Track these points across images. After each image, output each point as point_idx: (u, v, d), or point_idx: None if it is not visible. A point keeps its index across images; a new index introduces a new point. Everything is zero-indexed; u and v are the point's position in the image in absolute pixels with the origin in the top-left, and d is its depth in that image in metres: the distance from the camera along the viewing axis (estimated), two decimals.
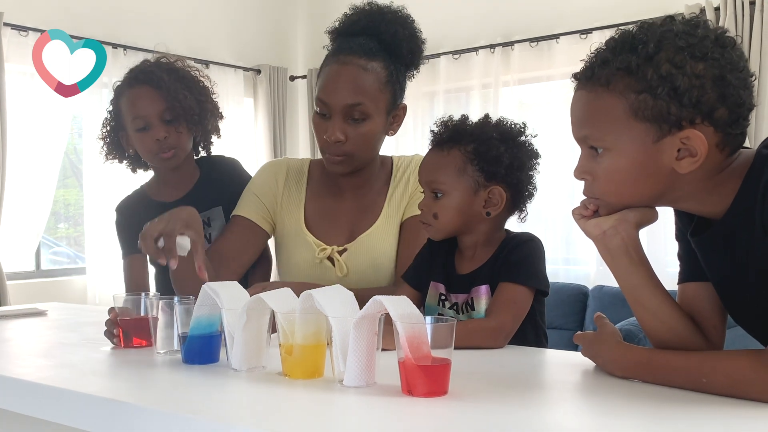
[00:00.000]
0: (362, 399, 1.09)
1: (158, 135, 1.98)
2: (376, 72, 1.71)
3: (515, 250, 1.55)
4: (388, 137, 1.84)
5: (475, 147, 1.55)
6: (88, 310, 2.28)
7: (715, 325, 1.25)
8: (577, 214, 1.25)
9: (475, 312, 1.56)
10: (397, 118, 1.81)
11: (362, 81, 1.70)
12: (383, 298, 1.12)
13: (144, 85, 2.02)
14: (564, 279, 4.82)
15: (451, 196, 1.56)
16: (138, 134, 2.01)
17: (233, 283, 1.36)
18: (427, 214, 1.59)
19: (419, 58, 1.82)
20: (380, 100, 1.72)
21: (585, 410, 1.10)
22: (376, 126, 1.74)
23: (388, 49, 1.75)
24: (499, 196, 1.57)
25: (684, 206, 1.21)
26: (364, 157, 1.78)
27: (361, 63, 1.71)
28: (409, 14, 1.82)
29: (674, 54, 1.09)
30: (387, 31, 1.75)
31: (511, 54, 5.03)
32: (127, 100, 2.03)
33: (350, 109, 1.70)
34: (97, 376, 1.26)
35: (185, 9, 5.38)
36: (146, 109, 1.99)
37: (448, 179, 1.56)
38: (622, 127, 1.13)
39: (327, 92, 1.72)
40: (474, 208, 1.57)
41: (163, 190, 2.11)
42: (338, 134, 1.71)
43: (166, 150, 2.00)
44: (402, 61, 1.78)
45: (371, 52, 1.72)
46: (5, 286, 4.35)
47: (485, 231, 1.60)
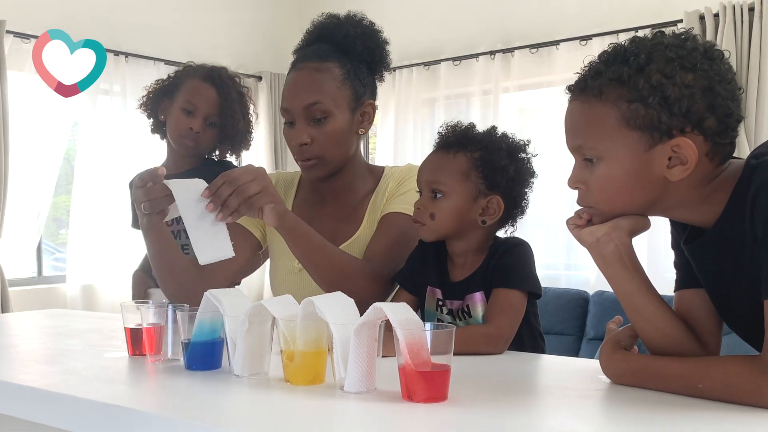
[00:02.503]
0: (363, 405, 1.10)
1: (195, 126, 2.29)
2: (330, 71, 1.75)
3: (506, 255, 1.57)
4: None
5: (482, 154, 1.57)
6: (89, 316, 2.29)
7: (711, 331, 1.26)
8: (571, 223, 1.28)
9: (473, 319, 1.58)
10: (366, 116, 1.83)
11: (317, 81, 1.74)
12: (383, 305, 1.13)
13: (213, 86, 2.32)
14: (565, 284, 4.83)
15: (451, 199, 1.58)
16: (180, 113, 2.30)
17: (235, 290, 1.37)
18: (424, 213, 1.60)
19: (380, 55, 1.84)
20: (339, 97, 1.75)
21: (583, 416, 1.11)
22: (339, 123, 1.75)
23: (342, 49, 1.78)
24: (497, 205, 1.58)
25: (676, 215, 1.23)
26: (334, 157, 1.78)
27: (314, 65, 1.75)
28: (364, 17, 1.85)
29: (664, 65, 1.12)
30: (339, 34, 1.79)
31: (512, 60, 5.04)
32: (191, 84, 2.33)
33: (310, 110, 1.73)
34: (101, 383, 1.27)
35: (186, 16, 5.40)
36: (201, 103, 2.30)
37: (451, 181, 1.57)
38: (614, 136, 1.15)
39: (286, 99, 1.77)
40: (470, 215, 1.58)
41: (167, 162, 2.40)
42: (303, 137, 1.74)
43: (191, 139, 2.30)
44: (360, 59, 1.80)
45: (324, 55, 1.76)
46: (7, 293, 4.36)
47: (476, 239, 1.61)
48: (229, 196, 1.50)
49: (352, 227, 1.83)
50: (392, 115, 5.54)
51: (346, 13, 1.84)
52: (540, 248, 4.99)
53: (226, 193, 1.50)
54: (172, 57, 5.14)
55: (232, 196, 1.50)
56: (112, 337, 1.72)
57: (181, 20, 5.35)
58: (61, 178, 4.83)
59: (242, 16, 5.76)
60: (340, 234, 1.83)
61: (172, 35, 5.28)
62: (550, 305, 4.62)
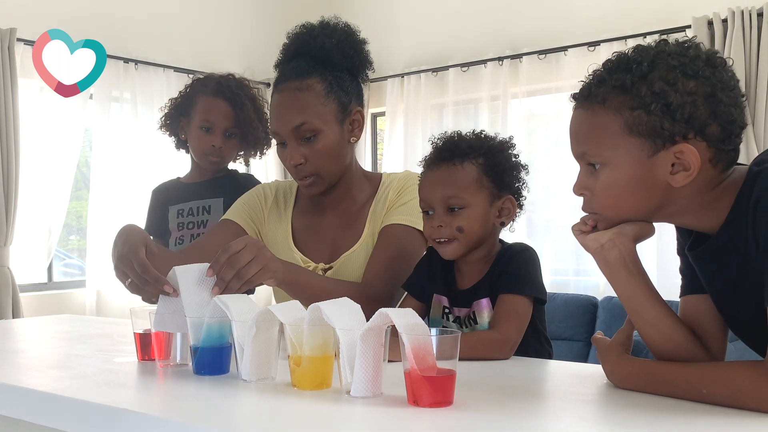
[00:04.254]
0: (369, 409, 1.11)
1: (216, 142, 2.36)
2: (312, 88, 1.74)
3: (511, 260, 1.58)
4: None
5: (486, 159, 1.59)
6: (99, 321, 2.30)
7: (716, 337, 1.27)
8: (576, 229, 1.29)
9: (479, 326, 1.58)
10: (356, 123, 1.82)
11: (300, 101, 1.74)
12: (389, 311, 1.14)
13: (226, 101, 2.37)
14: (574, 290, 4.82)
15: (473, 209, 1.57)
16: (199, 132, 2.37)
17: (243, 296, 1.38)
18: (448, 229, 1.57)
19: (360, 59, 1.83)
20: (325, 112, 1.74)
21: (588, 421, 1.11)
22: (330, 138, 1.75)
23: (320, 62, 1.77)
24: (511, 204, 1.60)
25: (680, 221, 1.24)
26: (331, 172, 1.79)
27: (295, 85, 1.74)
28: (339, 21, 1.83)
29: (667, 72, 1.13)
30: (315, 46, 1.78)
31: (520, 66, 5.05)
32: (205, 103, 2.38)
33: (298, 131, 1.73)
34: (110, 387, 1.29)
35: (195, 24, 5.43)
36: (217, 119, 2.36)
37: (468, 192, 1.57)
38: (618, 143, 1.16)
39: (274, 122, 1.78)
40: (491, 220, 1.60)
41: (191, 173, 2.50)
42: (297, 157, 1.75)
43: (215, 155, 2.38)
44: (340, 69, 1.79)
45: (303, 72, 1.76)
46: (18, 298, 4.38)
47: (489, 244, 1.62)
48: (224, 268, 1.45)
49: (353, 237, 1.83)
50: (401, 121, 5.55)
51: (320, 20, 1.82)
52: (549, 254, 5.00)
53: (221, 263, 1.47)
54: (181, 64, 5.17)
55: (225, 268, 1.45)
56: (121, 342, 1.73)
57: (190, 28, 5.38)
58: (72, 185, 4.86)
59: (250, 23, 5.79)
60: (342, 244, 1.83)
61: (181, 43, 5.31)
62: (559, 311, 4.62)
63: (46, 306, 4.58)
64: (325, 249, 1.85)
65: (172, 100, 2.49)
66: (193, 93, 2.42)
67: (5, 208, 4.32)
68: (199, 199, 2.39)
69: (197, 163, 2.46)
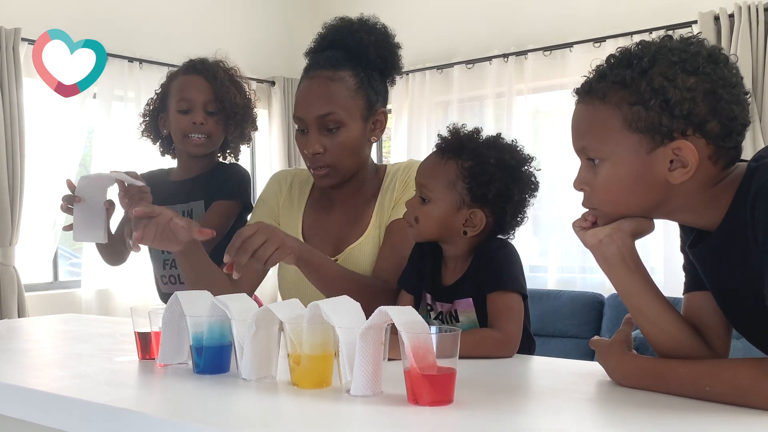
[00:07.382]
0: (369, 408, 1.11)
1: (197, 119, 2.18)
2: (344, 80, 1.74)
3: (493, 258, 1.55)
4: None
5: (472, 165, 1.55)
6: (101, 321, 2.30)
7: (719, 334, 1.26)
8: (576, 225, 1.29)
9: (460, 324, 1.57)
10: (378, 123, 1.82)
11: (330, 91, 1.73)
12: (389, 309, 1.14)
13: (199, 75, 2.23)
14: (580, 287, 4.81)
15: (436, 206, 1.57)
16: (178, 114, 2.20)
17: (242, 295, 1.38)
18: (411, 214, 1.61)
19: (393, 62, 1.84)
20: (352, 107, 1.75)
21: (590, 419, 1.11)
22: (352, 133, 1.76)
23: (355, 57, 1.78)
24: (479, 220, 1.56)
25: (681, 218, 1.23)
26: (347, 166, 1.79)
27: (328, 74, 1.74)
28: (377, 22, 1.84)
29: (666, 68, 1.13)
30: (353, 40, 1.78)
31: (525, 63, 5.04)
32: (179, 83, 2.24)
33: (323, 120, 1.73)
34: (111, 386, 1.28)
35: (200, 22, 5.43)
36: (194, 95, 2.20)
37: (438, 188, 1.57)
38: (617, 138, 1.16)
39: (299, 108, 1.77)
40: (454, 224, 1.57)
41: (176, 170, 2.36)
42: (316, 146, 1.74)
43: (199, 133, 2.20)
44: (373, 67, 1.79)
45: (338, 63, 1.76)
46: (24, 298, 4.40)
47: (462, 246, 1.60)
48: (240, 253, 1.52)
49: (358, 229, 1.83)
50: (406, 118, 5.54)
51: (359, 17, 1.83)
52: (555, 251, 4.99)
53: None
54: None
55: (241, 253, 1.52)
56: (123, 341, 1.73)
57: (194, 26, 5.38)
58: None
59: (255, 21, 5.79)
60: (347, 237, 1.83)
61: (185, 41, 5.30)
62: (565, 308, 4.61)
63: (51, 305, 4.59)
64: (331, 243, 1.85)
65: (149, 101, 2.37)
66: (167, 83, 2.31)
67: (10, 208, 4.32)
68: (182, 203, 2.26)
69: (184, 158, 2.32)
